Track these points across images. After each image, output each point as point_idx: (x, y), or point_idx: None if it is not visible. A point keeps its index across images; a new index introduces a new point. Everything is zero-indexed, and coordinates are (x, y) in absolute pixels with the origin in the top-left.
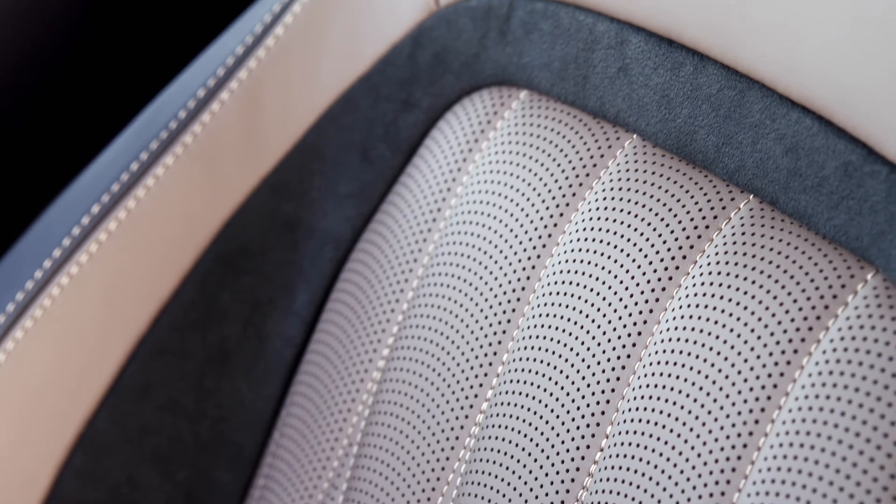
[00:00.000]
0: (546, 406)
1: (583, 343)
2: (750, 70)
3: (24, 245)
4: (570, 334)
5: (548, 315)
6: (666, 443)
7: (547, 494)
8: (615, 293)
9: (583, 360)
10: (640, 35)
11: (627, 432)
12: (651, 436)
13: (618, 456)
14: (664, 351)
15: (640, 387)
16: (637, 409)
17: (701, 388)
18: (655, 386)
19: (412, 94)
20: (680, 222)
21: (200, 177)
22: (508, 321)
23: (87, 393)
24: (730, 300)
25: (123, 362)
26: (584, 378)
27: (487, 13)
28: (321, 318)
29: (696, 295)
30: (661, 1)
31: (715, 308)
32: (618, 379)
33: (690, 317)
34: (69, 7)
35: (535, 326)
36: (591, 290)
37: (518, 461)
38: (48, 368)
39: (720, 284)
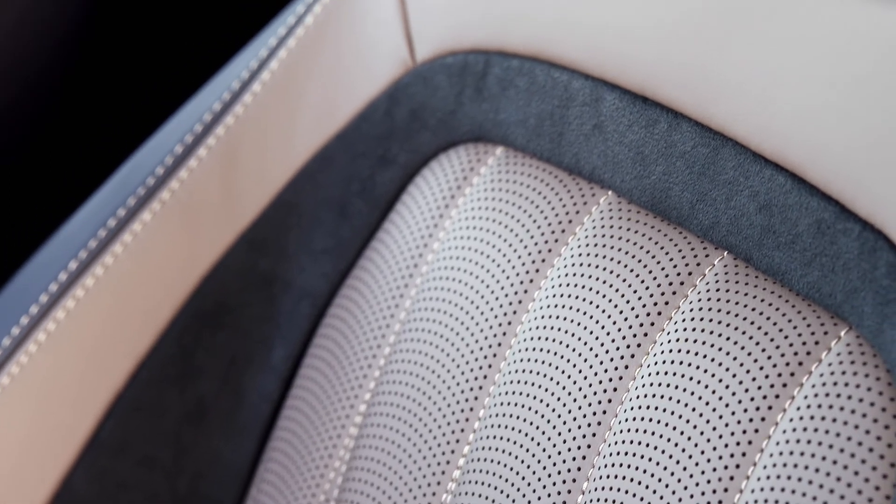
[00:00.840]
0: (522, 462)
1: (558, 399)
2: (723, 128)
3: (0, 302)
4: (546, 390)
5: (524, 371)
6: (642, 499)
7: None
8: (591, 349)
9: (558, 416)
10: (614, 92)
11: (604, 488)
12: (627, 492)
13: None
14: (639, 407)
15: (615, 443)
16: (612, 465)
17: (676, 444)
18: (631, 442)
19: (389, 151)
20: (655, 278)
21: (178, 233)
22: (485, 377)
23: (65, 449)
24: (704, 356)
25: (101, 418)
26: (559, 434)
27: (463, 70)
28: (298, 373)
29: (671, 351)
30: (635, 58)
31: (690, 364)
32: (593, 435)
33: (665, 373)
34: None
35: (512, 382)
36: (567, 345)
37: None
38: (26, 425)
39: (695, 340)
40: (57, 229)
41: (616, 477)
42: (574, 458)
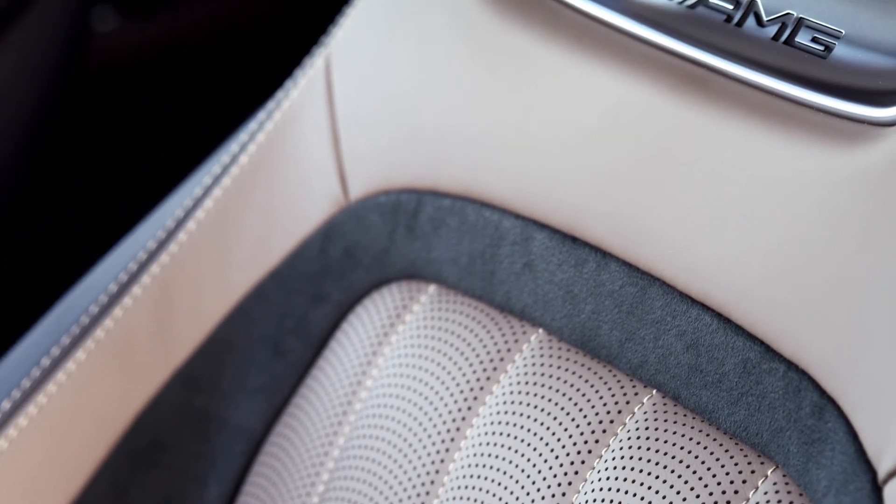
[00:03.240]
0: None
1: None
2: (650, 267)
3: None
4: None
5: None
6: None
7: None
8: (522, 487)
9: None
10: (544, 232)
11: None
12: None
13: None
14: None
15: None
16: None
17: None
18: None
19: (323, 288)
20: (585, 416)
21: (112, 371)
22: None
23: None
24: (635, 494)
25: None
26: None
27: (396, 209)
28: None
29: (601, 489)
30: (563, 200)
31: (620, 503)
32: None
33: None
34: None
35: None
36: (500, 483)
37: None
38: None
39: (625, 479)
40: None
41: None
42: None
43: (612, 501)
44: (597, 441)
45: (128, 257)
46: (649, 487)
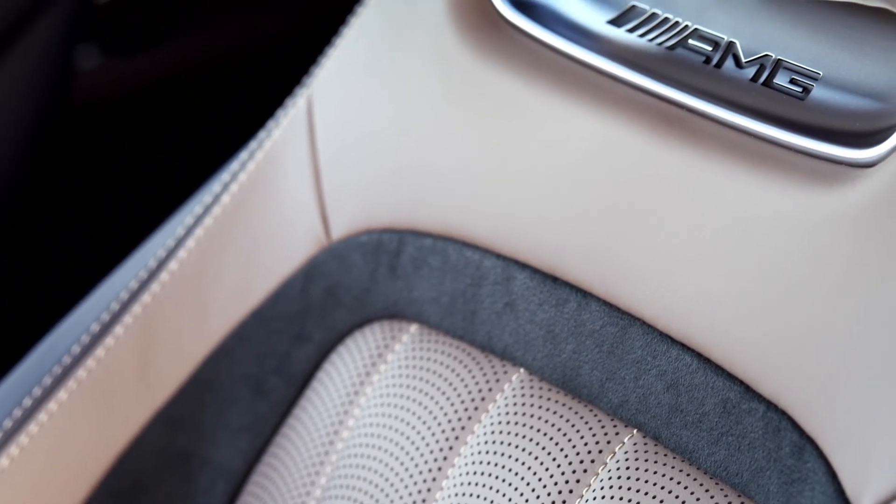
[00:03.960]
0: None
1: None
2: (630, 307)
3: None
4: None
5: None
6: None
7: None
8: None
9: None
10: (525, 271)
11: None
12: None
13: None
14: None
15: None
16: None
17: None
18: None
19: (304, 328)
20: (566, 456)
21: (94, 412)
22: None
23: None
24: None
25: None
26: None
27: (378, 248)
28: None
29: None
30: (544, 239)
31: None
32: None
33: None
34: None
35: None
36: None
37: None
38: None
39: None
40: None
41: None
42: None
43: None
44: (578, 481)
45: (110, 297)
46: None
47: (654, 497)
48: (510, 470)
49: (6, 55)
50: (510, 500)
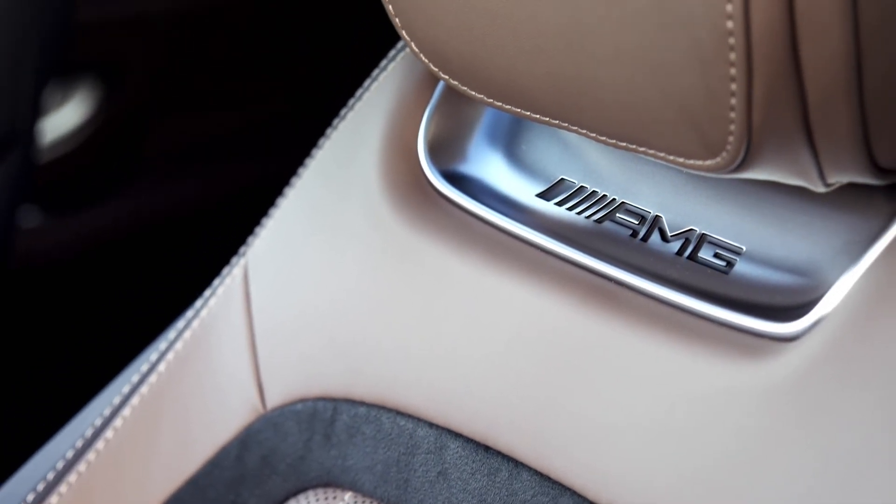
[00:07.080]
0: None
1: None
2: (561, 477)
3: None
4: None
5: None
6: None
7: None
8: None
9: None
10: (458, 440)
11: None
12: None
13: None
14: None
15: None
16: None
17: None
18: None
19: (240, 496)
20: None
21: None
22: None
23: None
24: None
25: None
26: None
27: (312, 417)
28: None
29: None
30: (476, 409)
31: None
32: None
33: None
34: None
35: None
36: None
37: None
38: None
39: None
40: None
41: None
42: None
43: None
44: None
45: (46, 467)
46: None
47: None
48: None
49: None
50: None
